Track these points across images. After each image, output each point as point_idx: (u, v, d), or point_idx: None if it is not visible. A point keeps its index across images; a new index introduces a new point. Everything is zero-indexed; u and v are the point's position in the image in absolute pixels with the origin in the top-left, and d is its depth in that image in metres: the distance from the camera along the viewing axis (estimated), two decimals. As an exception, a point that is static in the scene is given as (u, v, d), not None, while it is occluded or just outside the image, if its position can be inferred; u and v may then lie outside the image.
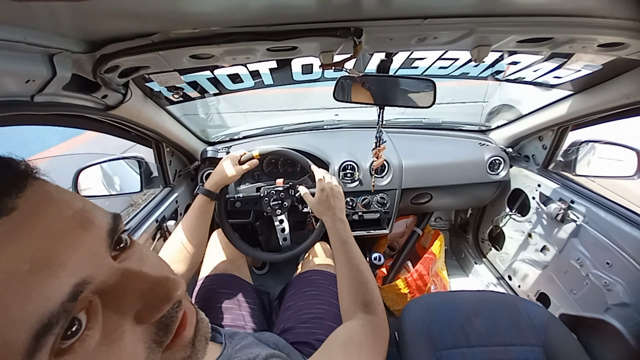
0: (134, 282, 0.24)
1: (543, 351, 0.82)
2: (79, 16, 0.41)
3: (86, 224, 0.23)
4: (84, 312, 0.21)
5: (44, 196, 0.22)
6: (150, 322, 0.24)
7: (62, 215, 0.22)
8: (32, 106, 0.51)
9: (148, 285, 0.24)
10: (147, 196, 2.23)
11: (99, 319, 0.22)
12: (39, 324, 0.18)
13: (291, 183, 1.07)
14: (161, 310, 0.24)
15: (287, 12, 0.46)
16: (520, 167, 1.32)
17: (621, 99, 0.82)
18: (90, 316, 0.21)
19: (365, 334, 0.56)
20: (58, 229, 0.21)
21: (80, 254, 0.21)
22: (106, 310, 0.22)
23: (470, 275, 1.66)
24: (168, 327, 0.25)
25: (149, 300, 0.24)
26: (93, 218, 0.24)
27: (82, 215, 0.23)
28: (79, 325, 0.20)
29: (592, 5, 0.47)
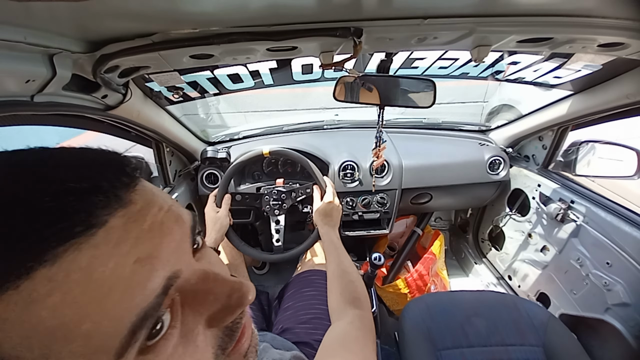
0: (213, 283, 0.24)
1: (543, 351, 0.82)
2: (79, 16, 0.41)
3: (178, 218, 0.24)
4: (168, 310, 0.21)
5: (150, 191, 0.23)
6: (220, 327, 0.24)
7: (162, 209, 0.23)
8: (32, 106, 0.51)
9: (226, 288, 0.24)
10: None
11: (179, 318, 0.22)
12: (137, 317, 0.18)
13: (299, 185, 1.07)
14: (233, 315, 0.24)
15: (287, 12, 0.46)
16: (520, 167, 1.32)
17: (621, 99, 0.82)
18: (173, 314, 0.21)
19: (357, 329, 0.58)
20: (159, 223, 0.22)
21: (173, 247, 0.22)
22: (185, 309, 0.22)
23: (470, 275, 1.66)
24: (233, 333, 0.25)
25: (224, 303, 0.23)
26: (182, 214, 0.24)
27: (174, 211, 0.24)
28: (162, 324, 0.20)
29: (592, 5, 0.47)
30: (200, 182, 1.26)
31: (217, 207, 0.96)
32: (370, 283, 1.08)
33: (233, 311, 0.24)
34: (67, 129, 0.70)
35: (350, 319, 0.61)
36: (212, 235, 0.89)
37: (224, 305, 0.24)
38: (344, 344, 0.54)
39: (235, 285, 0.24)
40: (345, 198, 1.24)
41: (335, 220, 0.93)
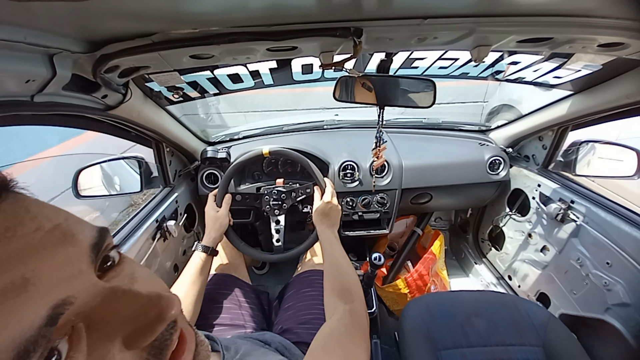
0: (121, 301, 0.21)
1: (543, 351, 0.82)
2: (79, 16, 0.41)
3: (67, 238, 0.21)
4: (66, 339, 0.19)
5: (20, 211, 0.20)
6: (142, 347, 0.22)
7: (41, 230, 0.20)
8: (32, 106, 0.51)
9: (138, 304, 0.22)
10: (147, 196, 2.23)
11: (83, 346, 0.20)
12: (14, 352, 0.16)
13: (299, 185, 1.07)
14: (154, 333, 0.22)
15: (287, 12, 0.46)
16: (520, 167, 1.32)
17: (621, 99, 0.82)
18: (72, 344, 0.19)
19: (345, 325, 0.57)
20: (34, 246, 0.19)
21: (59, 272, 0.19)
22: (91, 335, 0.20)
23: (470, 275, 1.66)
24: (162, 351, 0.23)
25: (140, 321, 0.21)
26: (75, 232, 0.22)
27: (62, 230, 0.21)
28: (58, 356, 0.18)
29: (592, 5, 0.47)
30: (200, 182, 1.26)
31: (218, 206, 0.95)
32: (370, 283, 1.08)
33: (152, 329, 0.22)
34: (67, 129, 0.70)
35: (339, 314, 0.60)
36: (212, 235, 0.89)
37: (141, 323, 0.21)
38: (326, 346, 0.53)
39: (151, 300, 0.22)
40: (345, 198, 1.24)
41: (334, 220, 0.92)
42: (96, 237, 0.23)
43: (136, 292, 0.22)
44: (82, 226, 0.23)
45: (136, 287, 0.23)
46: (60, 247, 0.20)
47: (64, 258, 0.20)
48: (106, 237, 0.24)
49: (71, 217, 0.23)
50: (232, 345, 0.51)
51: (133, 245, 0.87)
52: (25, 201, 0.21)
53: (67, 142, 3.83)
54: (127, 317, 0.21)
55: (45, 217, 0.21)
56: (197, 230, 1.35)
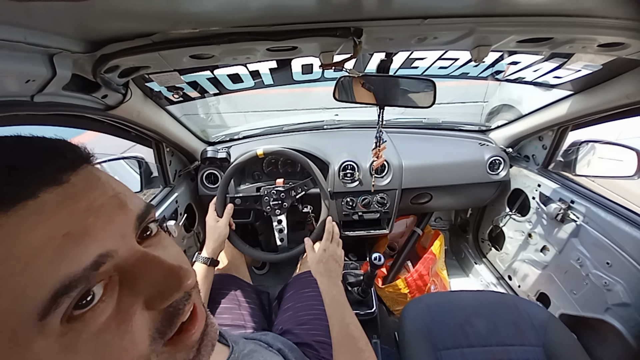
0: (150, 265, 0.25)
1: (543, 351, 0.82)
2: (79, 16, 0.41)
3: (122, 205, 0.25)
4: (102, 285, 0.22)
5: (93, 177, 0.25)
6: (159, 309, 0.25)
7: (105, 194, 0.25)
8: (32, 106, 0.51)
9: (162, 271, 0.25)
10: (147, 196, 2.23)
11: (115, 295, 0.23)
12: (60, 284, 0.19)
13: (292, 184, 1.07)
14: (171, 298, 0.25)
15: (287, 12, 0.46)
16: (520, 167, 1.32)
17: (621, 99, 0.82)
18: (106, 290, 0.23)
19: None
20: (98, 205, 0.24)
21: (110, 229, 0.23)
22: (122, 287, 0.24)
23: (470, 275, 1.66)
24: (173, 318, 0.26)
25: (161, 285, 0.25)
26: (129, 202, 0.26)
27: (120, 198, 0.26)
28: (92, 297, 0.22)
29: (592, 5, 0.47)
30: (200, 182, 1.26)
31: (219, 216, 0.95)
32: (370, 283, 1.08)
33: (170, 294, 0.25)
34: (67, 129, 0.70)
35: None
36: (210, 246, 0.88)
37: (161, 287, 0.25)
38: None
39: (173, 269, 0.25)
40: (345, 198, 1.24)
41: (333, 272, 0.82)
42: (143, 210, 0.27)
43: (162, 260, 0.26)
44: (135, 199, 0.27)
45: (163, 257, 0.26)
46: (116, 210, 0.25)
47: (116, 220, 0.24)
48: (150, 211, 0.28)
49: (128, 190, 0.28)
50: (239, 341, 0.51)
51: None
52: (98, 172, 0.26)
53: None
54: (152, 280, 0.25)
55: (110, 186, 0.26)
56: (197, 230, 1.35)
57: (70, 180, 0.23)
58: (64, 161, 0.24)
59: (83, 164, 0.25)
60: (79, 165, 0.25)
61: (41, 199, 0.21)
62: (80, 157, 0.26)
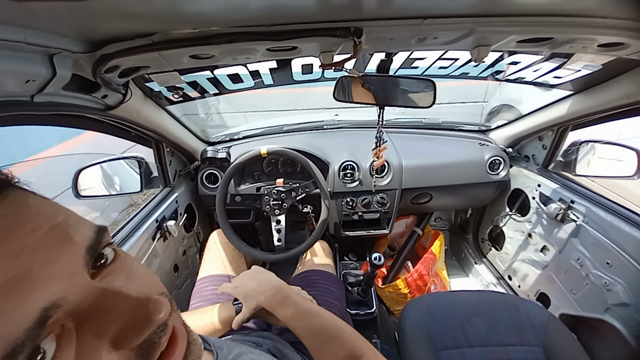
0: (111, 302, 0.22)
1: (543, 351, 0.82)
2: (79, 16, 0.41)
3: (64, 240, 0.21)
4: (54, 337, 0.19)
5: (21, 210, 0.20)
6: (129, 348, 0.22)
7: (39, 231, 0.20)
8: (32, 106, 0.51)
9: (127, 306, 0.22)
10: (147, 196, 2.23)
11: (72, 345, 0.20)
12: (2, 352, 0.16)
13: (299, 184, 1.07)
14: (141, 335, 0.22)
15: (287, 12, 0.46)
16: (520, 167, 1.32)
17: (621, 99, 0.82)
18: (60, 343, 0.19)
19: None
20: (31, 247, 0.19)
21: (53, 273, 0.19)
22: (80, 334, 0.20)
23: (470, 275, 1.66)
24: (149, 352, 0.23)
25: (128, 323, 0.21)
26: (73, 233, 0.22)
27: (60, 231, 0.21)
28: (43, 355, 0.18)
29: (592, 5, 0.47)
30: (200, 182, 1.26)
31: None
32: (370, 283, 1.08)
33: (139, 331, 0.22)
34: (67, 129, 0.70)
35: None
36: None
37: (127, 324, 0.21)
38: None
39: (140, 303, 0.22)
40: (345, 198, 1.24)
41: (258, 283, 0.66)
42: (93, 239, 0.23)
43: (125, 294, 0.22)
44: (80, 226, 0.23)
45: (127, 288, 0.23)
46: (55, 248, 0.20)
47: (58, 260, 0.20)
48: (103, 237, 0.24)
49: (71, 216, 0.23)
50: (224, 346, 0.50)
51: (133, 245, 0.87)
52: (26, 199, 0.21)
53: (67, 142, 3.83)
54: (116, 318, 0.21)
55: (45, 216, 0.21)
56: (197, 230, 1.35)
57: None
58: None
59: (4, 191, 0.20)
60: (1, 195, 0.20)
61: None
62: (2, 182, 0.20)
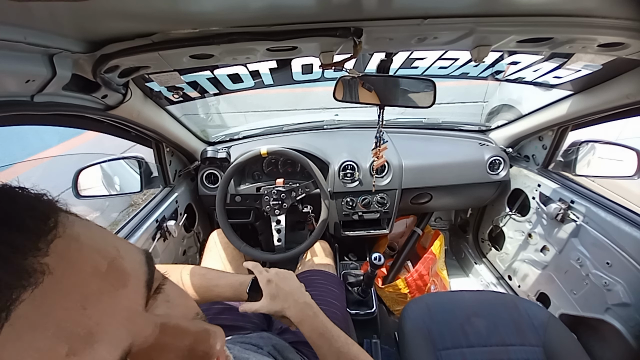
0: (170, 337, 0.20)
1: (543, 351, 0.82)
2: (79, 16, 0.41)
3: (124, 279, 0.19)
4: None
5: (75, 248, 0.17)
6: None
7: (98, 272, 0.18)
8: (32, 106, 0.51)
9: (188, 341, 0.21)
10: (147, 196, 2.23)
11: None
12: None
13: (299, 184, 1.07)
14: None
15: (287, 12, 0.46)
16: (520, 167, 1.32)
17: (621, 99, 0.82)
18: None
19: None
20: (94, 293, 0.17)
21: (120, 318, 0.18)
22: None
23: (470, 275, 1.66)
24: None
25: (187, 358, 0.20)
26: (129, 269, 0.20)
27: (118, 268, 0.19)
28: None
29: (592, 5, 0.47)
30: (200, 182, 1.26)
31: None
32: (370, 283, 1.08)
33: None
34: (67, 129, 0.70)
35: None
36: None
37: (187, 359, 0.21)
38: None
39: (199, 336, 0.21)
40: (345, 198, 1.24)
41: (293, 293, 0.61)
42: (148, 272, 0.21)
43: (184, 328, 0.21)
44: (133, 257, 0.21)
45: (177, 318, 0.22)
46: (119, 289, 0.18)
47: (123, 303, 0.18)
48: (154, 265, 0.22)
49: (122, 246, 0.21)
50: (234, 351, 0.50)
51: (133, 245, 0.87)
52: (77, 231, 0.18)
53: (67, 142, 3.83)
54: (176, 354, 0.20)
55: (100, 251, 0.19)
56: (197, 230, 1.35)
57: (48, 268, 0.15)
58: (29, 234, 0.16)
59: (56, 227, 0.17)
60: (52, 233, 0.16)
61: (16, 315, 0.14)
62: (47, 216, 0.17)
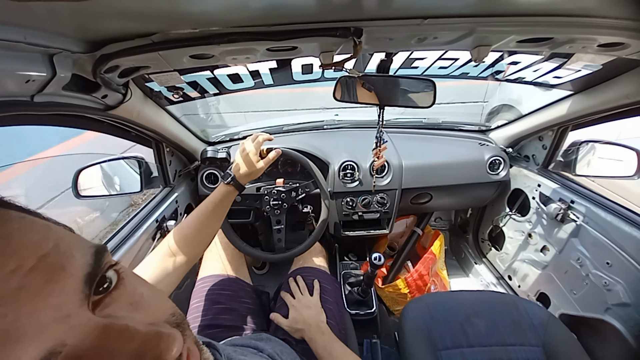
0: (117, 340, 0.19)
1: (543, 351, 0.82)
2: (79, 16, 0.41)
3: (55, 274, 0.18)
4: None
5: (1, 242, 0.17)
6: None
7: (22, 268, 0.16)
8: (32, 106, 0.51)
9: (135, 345, 0.19)
10: (147, 196, 2.23)
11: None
12: None
13: (299, 184, 1.07)
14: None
15: (287, 12, 0.46)
16: (520, 167, 1.32)
17: (621, 99, 0.82)
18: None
19: None
20: (16, 289, 0.16)
21: (46, 317, 0.16)
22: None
23: (470, 275, 1.66)
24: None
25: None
26: (66, 263, 0.18)
27: (51, 263, 0.18)
28: None
29: (592, 5, 0.47)
30: (200, 182, 1.26)
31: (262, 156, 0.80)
32: (370, 283, 1.08)
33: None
34: (67, 129, 0.70)
35: None
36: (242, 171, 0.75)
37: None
38: None
39: (149, 341, 0.19)
40: (345, 198, 1.24)
41: (310, 319, 0.78)
42: (91, 265, 0.20)
43: (132, 331, 0.19)
44: (75, 251, 0.19)
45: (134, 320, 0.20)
46: (46, 286, 0.17)
47: (49, 301, 0.17)
48: (103, 259, 0.21)
49: (63, 241, 0.19)
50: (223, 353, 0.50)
51: (133, 245, 0.87)
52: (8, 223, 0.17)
53: (67, 142, 3.83)
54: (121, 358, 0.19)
55: (30, 246, 0.18)
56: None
57: None
58: None
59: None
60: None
61: None
62: None
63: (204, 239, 0.72)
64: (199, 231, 0.69)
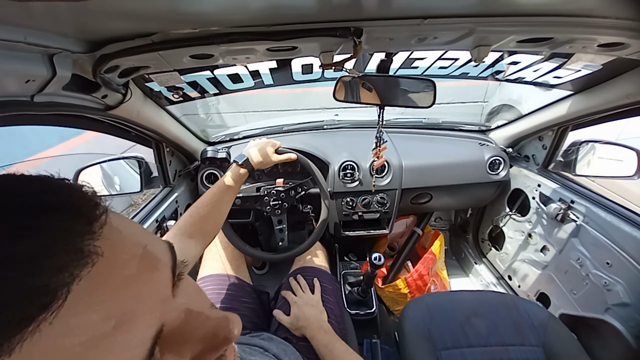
0: (195, 324, 0.22)
1: (543, 351, 0.82)
2: (79, 16, 0.41)
3: (155, 264, 0.21)
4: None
5: (118, 236, 0.19)
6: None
7: (134, 256, 0.19)
8: (32, 106, 0.51)
9: (210, 326, 0.22)
10: (147, 196, 2.23)
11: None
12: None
13: (292, 184, 1.07)
14: (219, 352, 0.23)
15: (287, 12, 0.46)
16: (520, 167, 1.32)
17: (621, 99, 0.82)
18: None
19: None
20: (134, 275, 0.19)
21: (155, 299, 0.20)
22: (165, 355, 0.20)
23: (470, 275, 1.66)
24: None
25: (210, 342, 0.22)
26: (160, 255, 0.22)
27: (152, 252, 0.21)
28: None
29: (592, 5, 0.47)
30: (200, 182, 1.26)
31: (278, 152, 0.89)
32: (370, 283, 1.08)
33: (218, 349, 0.23)
34: (67, 129, 0.70)
35: None
36: (255, 156, 0.82)
37: (209, 344, 0.22)
38: None
39: (220, 322, 0.23)
40: (345, 198, 1.24)
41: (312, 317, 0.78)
42: (172, 258, 0.23)
43: (208, 315, 0.23)
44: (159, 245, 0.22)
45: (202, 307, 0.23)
46: (152, 273, 0.20)
47: (155, 286, 0.20)
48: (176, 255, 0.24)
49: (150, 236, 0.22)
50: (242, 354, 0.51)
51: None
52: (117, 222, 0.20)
53: (68, 142, 3.83)
54: (200, 338, 0.22)
55: (135, 240, 0.20)
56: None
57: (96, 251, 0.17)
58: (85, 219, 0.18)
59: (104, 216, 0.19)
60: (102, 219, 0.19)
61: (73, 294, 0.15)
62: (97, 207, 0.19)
63: (218, 220, 0.74)
64: (214, 208, 0.72)
